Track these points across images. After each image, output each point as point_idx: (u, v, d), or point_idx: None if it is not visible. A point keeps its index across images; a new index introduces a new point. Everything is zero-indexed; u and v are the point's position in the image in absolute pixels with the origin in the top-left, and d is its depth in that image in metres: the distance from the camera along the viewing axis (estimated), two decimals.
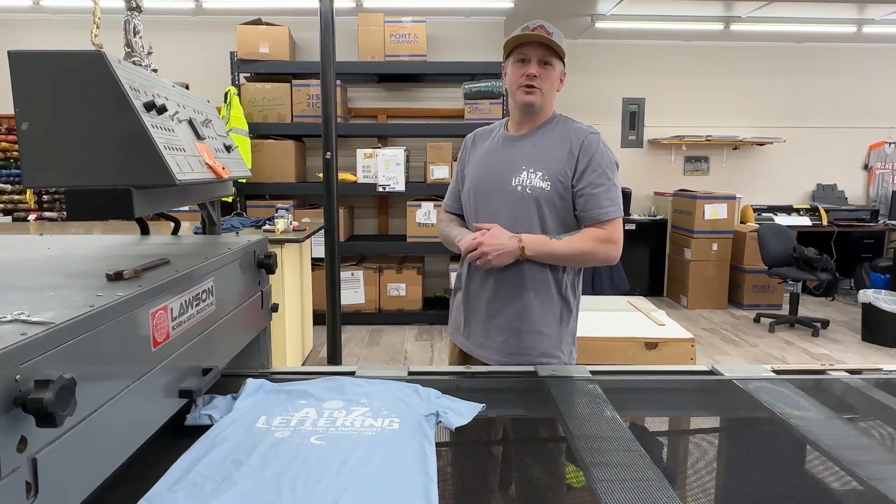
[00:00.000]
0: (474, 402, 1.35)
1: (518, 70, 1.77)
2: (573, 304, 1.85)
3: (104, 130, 1.02)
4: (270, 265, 1.59)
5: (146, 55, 1.35)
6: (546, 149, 1.78)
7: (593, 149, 1.75)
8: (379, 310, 5.77)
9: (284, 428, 1.18)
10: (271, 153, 5.58)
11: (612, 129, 7.09)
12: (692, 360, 2.52)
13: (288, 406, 1.28)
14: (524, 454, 1.41)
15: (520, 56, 1.77)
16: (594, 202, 1.72)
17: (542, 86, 1.76)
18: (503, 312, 1.81)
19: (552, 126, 1.83)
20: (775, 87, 7.06)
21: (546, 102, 1.81)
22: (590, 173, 1.73)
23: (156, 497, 0.94)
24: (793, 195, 7.24)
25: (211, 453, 1.07)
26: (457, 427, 1.26)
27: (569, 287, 1.83)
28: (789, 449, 1.30)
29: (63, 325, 0.77)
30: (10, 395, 0.67)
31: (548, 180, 1.74)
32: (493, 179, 1.81)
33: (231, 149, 1.57)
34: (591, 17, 6.02)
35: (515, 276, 1.78)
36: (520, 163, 1.78)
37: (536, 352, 1.80)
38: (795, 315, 5.65)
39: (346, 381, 1.40)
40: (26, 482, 0.70)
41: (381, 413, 1.25)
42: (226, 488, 0.96)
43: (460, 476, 1.24)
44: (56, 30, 5.93)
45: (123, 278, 1.03)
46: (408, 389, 1.38)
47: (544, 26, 1.74)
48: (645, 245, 6.86)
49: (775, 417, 1.34)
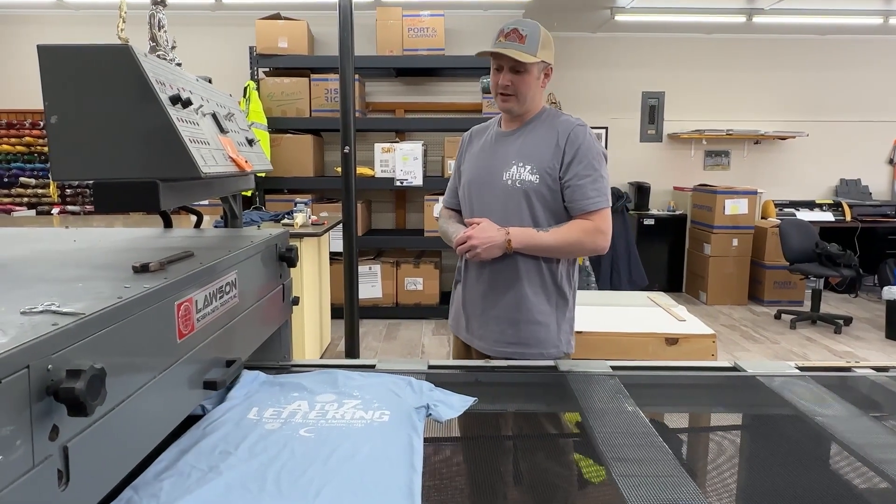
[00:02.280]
0: (466, 396, 1.35)
1: (494, 77, 1.83)
2: (569, 294, 1.89)
3: (131, 124, 1.03)
4: (292, 258, 1.60)
5: (170, 49, 1.36)
6: (535, 143, 1.83)
7: (580, 140, 1.78)
8: (396, 304, 5.78)
9: (275, 420, 1.19)
10: (290, 148, 5.60)
11: (631, 124, 7.03)
12: (713, 357, 2.50)
13: (281, 398, 1.29)
14: (541, 448, 1.41)
15: (495, 64, 1.82)
16: (581, 193, 1.77)
17: (517, 91, 1.80)
18: (499, 304, 1.85)
19: (541, 121, 1.87)
20: (798, 80, 6.95)
21: (526, 104, 1.85)
22: (576, 165, 1.77)
23: (142, 485, 0.95)
24: (815, 190, 7.13)
25: (200, 443, 1.08)
26: (447, 419, 1.26)
27: (563, 277, 1.86)
28: (815, 446, 1.29)
29: (93, 316, 0.78)
30: (43, 385, 0.68)
31: (536, 173, 1.79)
32: (486, 175, 1.87)
33: (253, 142, 1.58)
34: (611, 9, 5.96)
35: (509, 268, 1.83)
36: (510, 158, 1.84)
37: (533, 341, 1.84)
38: (817, 312, 5.57)
39: (340, 375, 1.40)
40: (58, 470, 0.71)
41: (371, 406, 1.26)
42: (211, 478, 0.97)
43: (475, 470, 1.24)
44: (78, 25, 6.00)
45: (150, 270, 1.04)
46: (401, 382, 1.38)
47: (517, 30, 1.76)
48: (664, 240, 6.80)
49: (800, 414, 1.33)
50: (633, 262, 5.82)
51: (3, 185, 6.10)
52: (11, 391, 0.64)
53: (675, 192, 7.08)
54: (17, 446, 0.64)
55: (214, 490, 0.94)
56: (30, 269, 1.09)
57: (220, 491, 0.94)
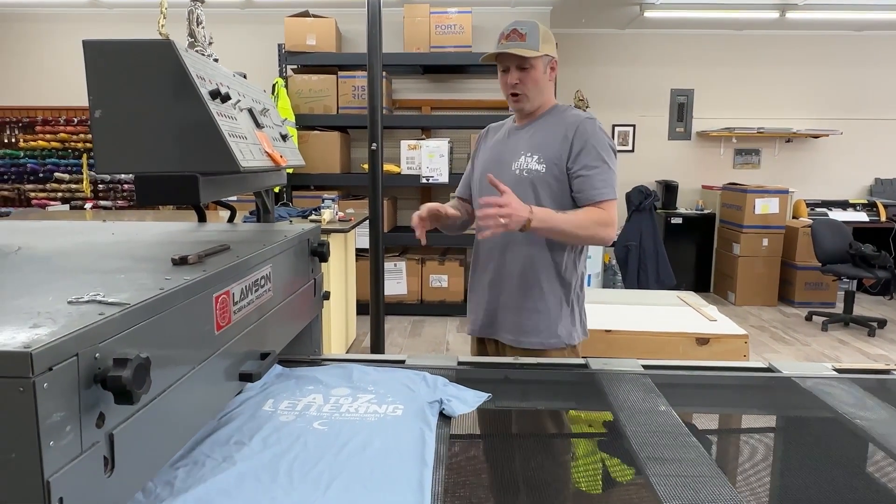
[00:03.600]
0: (480, 392, 1.35)
1: (502, 79, 1.88)
2: (574, 284, 1.91)
3: (172, 118, 1.04)
4: (323, 253, 1.61)
5: (208, 45, 1.37)
6: (544, 136, 1.87)
7: (588, 133, 1.82)
8: (421, 301, 5.80)
9: (290, 412, 1.20)
10: (317, 144, 5.64)
11: (659, 121, 6.95)
12: (745, 357, 2.46)
13: (296, 391, 1.30)
14: (567, 448, 1.40)
15: (501, 66, 1.87)
16: (589, 183, 1.80)
17: (526, 90, 1.85)
18: (505, 293, 1.89)
19: (552, 115, 1.92)
20: (832, 76, 6.80)
21: (536, 101, 1.89)
22: (584, 156, 1.80)
23: (158, 473, 0.96)
24: (849, 189, 6.97)
25: (215, 433, 1.10)
26: (459, 414, 1.26)
27: (569, 267, 1.89)
28: (855, 450, 1.26)
29: (138, 306, 0.79)
30: (91, 372, 0.70)
31: (543, 163, 1.83)
32: (497, 166, 1.91)
33: (286, 138, 1.59)
34: (640, 6, 5.89)
35: (515, 256, 1.87)
36: (520, 149, 1.89)
37: (536, 330, 1.86)
38: (850, 314, 5.45)
39: (356, 369, 1.42)
40: (104, 457, 0.72)
41: (386, 400, 1.27)
42: (225, 468, 0.98)
43: (498, 467, 1.24)
44: (112, 24, 6.11)
45: (188, 263, 1.05)
46: (415, 377, 1.39)
47: (517, 29, 1.81)
48: (691, 239, 6.71)
49: (839, 417, 1.30)
50: (661, 261, 5.75)
51: (39, 180, 6.25)
52: (62, 378, 0.65)
53: (704, 190, 6.98)
54: (66, 432, 0.66)
55: (227, 479, 0.96)
56: (73, 260, 1.11)
57: (233, 481, 0.96)
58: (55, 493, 0.63)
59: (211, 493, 0.93)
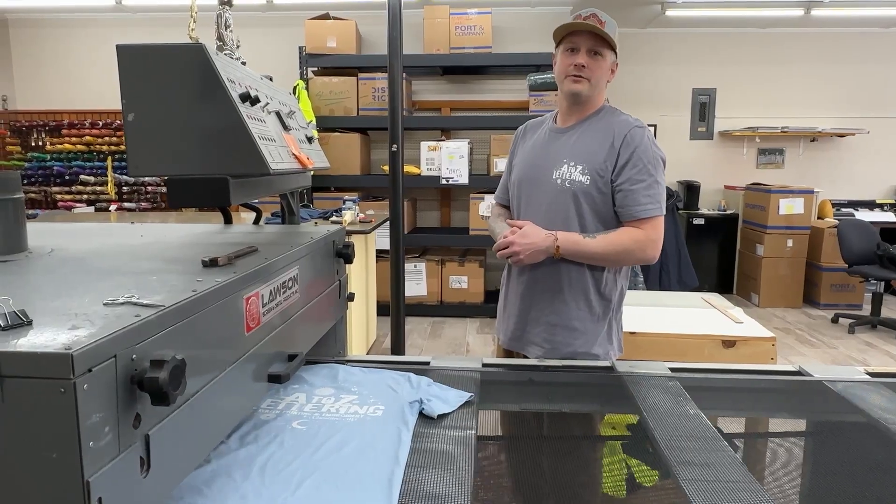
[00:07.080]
0: (462, 391, 1.35)
1: (567, 59, 1.74)
2: (614, 302, 1.82)
3: (204, 121, 1.05)
4: (348, 255, 1.62)
5: (236, 48, 1.38)
6: (589, 142, 1.75)
7: (636, 143, 1.70)
8: (441, 302, 5.80)
9: (271, 411, 1.22)
10: (337, 146, 5.67)
11: (681, 121, 6.87)
12: (772, 360, 2.43)
13: (280, 390, 1.31)
14: (593, 450, 1.39)
15: (569, 45, 1.73)
16: (633, 198, 1.69)
17: (591, 76, 1.72)
18: (536, 307, 1.82)
19: (598, 118, 1.79)
20: (858, 75, 6.68)
21: (594, 93, 1.76)
22: (630, 168, 1.69)
23: None
24: (876, 189, 6.84)
25: None
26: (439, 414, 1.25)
27: (609, 284, 1.80)
28: (891, 455, 1.23)
29: (172, 308, 0.80)
30: (128, 374, 0.70)
31: (587, 174, 1.72)
32: (536, 172, 1.81)
33: (312, 140, 1.60)
34: (662, 4, 5.83)
35: (551, 272, 1.77)
36: (562, 156, 1.77)
37: (569, 348, 1.79)
38: (878, 316, 5.35)
39: (342, 370, 1.43)
40: (140, 457, 0.73)
41: (368, 401, 1.28)
42: (198, 465, 0.99)
43: (524, 470, 1.22)
44: (136, 28, 6.19)
45: (218, 265, 1.06)
46: (400, 378, 1.39)
47: (597, 15, 1.70)
48: (714, 240, 6.63)
49: (873, 422, 1.27)
50: (683, 262, 5.70)
51: (65, 183, 6.36)
52: (101, 379, 0.66)
53: (727, 190, 6.89)
54: (105, 433, 0.66)
55: (199, 476, 0.97)
56: (105, 262, 1.12)
57: (206, 477, 0.97)
58: (94, 494, 0.64)
59: (181, 490, 0.93)
